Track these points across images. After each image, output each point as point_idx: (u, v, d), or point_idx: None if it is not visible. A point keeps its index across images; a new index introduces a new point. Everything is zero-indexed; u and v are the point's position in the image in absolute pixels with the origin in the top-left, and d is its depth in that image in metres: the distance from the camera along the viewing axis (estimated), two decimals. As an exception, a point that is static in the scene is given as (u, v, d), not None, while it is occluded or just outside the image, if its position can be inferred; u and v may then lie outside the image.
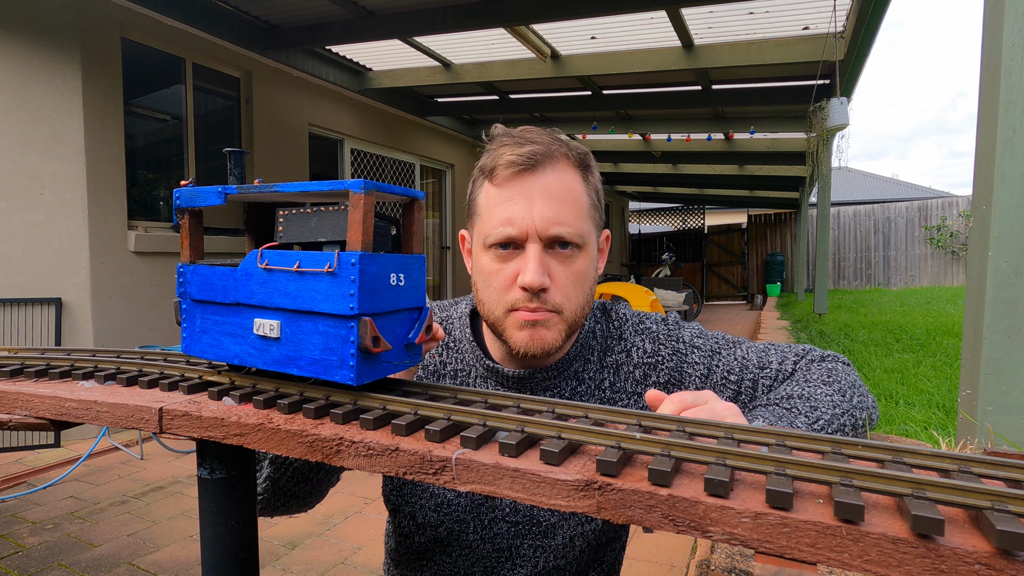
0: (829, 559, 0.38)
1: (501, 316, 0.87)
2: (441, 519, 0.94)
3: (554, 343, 0.87)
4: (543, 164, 0.84)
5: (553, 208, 0.83)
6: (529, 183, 0.84)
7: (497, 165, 0.85)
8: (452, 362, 0.98)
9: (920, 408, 3.70)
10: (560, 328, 0.87)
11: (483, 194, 0.89)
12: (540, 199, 0.83)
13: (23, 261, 4.08)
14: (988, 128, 1.52)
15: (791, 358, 0.93)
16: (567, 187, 0.86)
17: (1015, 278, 1.48)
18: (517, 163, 0.83)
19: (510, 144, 0.86)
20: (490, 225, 0.86)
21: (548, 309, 0.85)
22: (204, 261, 0.67)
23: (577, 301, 0.88)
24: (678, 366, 0.95)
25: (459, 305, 1.05)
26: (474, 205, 0.91)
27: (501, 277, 0.86)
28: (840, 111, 4.75)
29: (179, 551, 2.72)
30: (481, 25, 4.71)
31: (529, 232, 0.83)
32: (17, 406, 0.69)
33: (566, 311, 0.86)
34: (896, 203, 16.47)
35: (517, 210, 0.83)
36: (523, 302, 0.84)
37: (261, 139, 5.69)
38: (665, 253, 12.71)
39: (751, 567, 1.12)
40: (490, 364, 0.94)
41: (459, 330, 1.00)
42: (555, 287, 0.85)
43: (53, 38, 4.07)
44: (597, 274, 0.93)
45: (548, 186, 0.84)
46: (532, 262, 0.83)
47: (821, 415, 0.80)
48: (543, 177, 0.84)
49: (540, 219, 0.83)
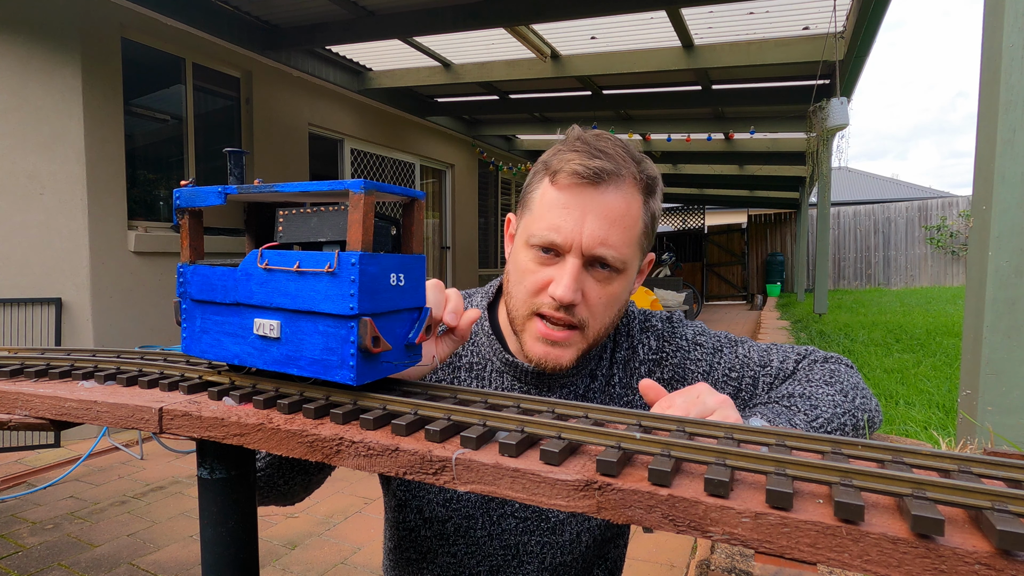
0: (829, 559, 0.38)
1: (524, 316, 0.87)
2: (450, 514, 0.94)
3: (569, 363, 0.86)
4: (607, 181, 0.82)
5: (604, 228, 0.82)
6: (588, 196, 0.82)
7: (562, 169, 0.83)
8: (468, 355, 0.97)
9: (920, 408, 3.70)
10: (579, 347, 0.87)
11: (540, 191, 0.87)
12: (594, 216, 0.82)
13: (23, 261, 4.07)
14: (988, 128, 1.52)
15: (793, 358, 0.93)
16: (625, 210, 0.84)
17: (1015, 278, 1.48)
18: (582, 174, 0.81)
19: (582, 152, 0.83)
20: (538, 225, 0.85)
21: (571, 324, 0.84)
22: (204, 261, 0.67)
23: (603, 322, 0.87)
24: (681, 363, 0.96)
25: (475, 296, 1.04)
26: (528, 198, 0.90)
27: (535, 279, 0.85)
28: (840, 111, 4.76)
29: (179, 551, 2.72)
30: (481, 25, 4.71)
31: (574, 245, 0.82)
32: (17, 406, 0.69)
33: (589, 329, 0.86)
34: (896, 203, 16.47)
35: (569, 220, 0.82)
36: (549, 309, 0.84)
37: (261, 139, 5.69)
38: (665, 253, 12.71)
39: (751, 567, 1.13)
40: (508, 358, 0.93)
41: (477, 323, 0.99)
42: (584, 304, 0.84)
43: (53, 38, 4.07)
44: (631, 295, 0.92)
45: (607, 205, 0.82)
46: (568, 276, 0.81)
47: (821, 413, 0.80)
48: (604, 194, 0.82)
49: (588, 236, 0.81)
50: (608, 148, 0.84)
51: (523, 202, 0.92)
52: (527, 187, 0.92)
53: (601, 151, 0.83)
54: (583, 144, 0.85)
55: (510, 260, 0.92)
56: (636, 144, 8.95)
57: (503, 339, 0.97)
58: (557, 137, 0.93)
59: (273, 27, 5.19)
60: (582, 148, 0.84)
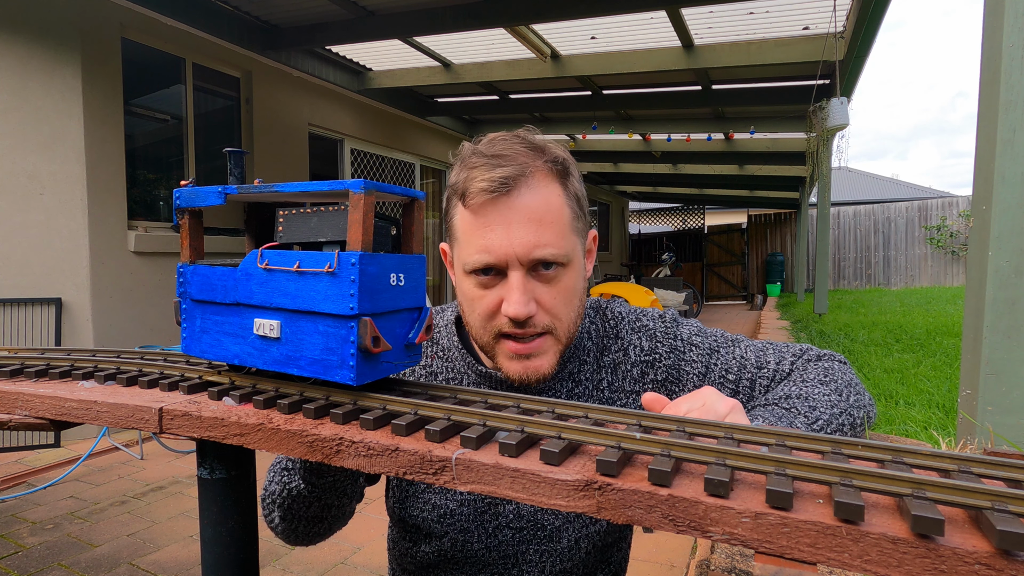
0: (829, 559, 0.38)
1: (490, 342, 0.85)
2: (445, 530, 0.94)
3: (550, 368, 0.85)
4: (518, 184, 0.79)
5: (533, 231, 0.79)
6: (505, 207, 0.79)
7: (468, 190, 0.80)
8: (443, 371, 0.97)
9: (920, 408, 3.70)
10: (555, 350, 0.85)
11: (457, 216, 0.84)
12: (518, 223, 0.79)
13: (23, 261, 4.07)
14: (988, 128, 1.52)
15: (788, 358, 0.93)
16: (546, 205, 0.81)
17: (1015, 278, 1.48)
18: (489, 189, 0.78)
19: (481, 166, 0.80)
20: (468, 252, 0.82)
21: (538, 333, 0.83)
22: (204, 261, 0.67)
23: (568, 317, 0.85)
24: (676, 364, 0.94)
25: (444, 312, 1.03)
26: (450, 227, 0.87)
27: (484, 304, 0.83)
28: (840, 111, 4.76)
29: (179, 551, 2.72)
30: (481, 25, 4.71)
31: (509, 259, 0.79)
32: (17, 406, 0.69)
33: (557, 330, 0.84)
34: (896, 203, 16.46)
35: (495, 237, 0.79)
36: (510, 327, 0.82)
37: (261, 139, 5.69)
38: (665, 253, 12.71)
39: (751, 567, 1.13)
40: (482, 370, 0.93)
41: (446, 339, 0.98)
42: (542, 310, 0.82)
43: (53, 38, 4.07)
44: (586, 279, 0.91)
45: (526, 207, 0.79)
46: (516, 292, 0.79)
47: (820, 415, 0.80)
48: (519, 198, 0.79)
49: (520, 245, 0.78)
50: (506, 151, 0.81)
51: (448, 231, 0.89)
52: (445, 216, 0.89)
53: (499, 156, 0.80)
54: (480, 158, 0.81)
55: (456, 290, 0.90)
56: (636, 144, 8.83)
57: (475, 353, 0.97)
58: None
59: (273, 27, 5.19)
60: (481, 162, 0.80)
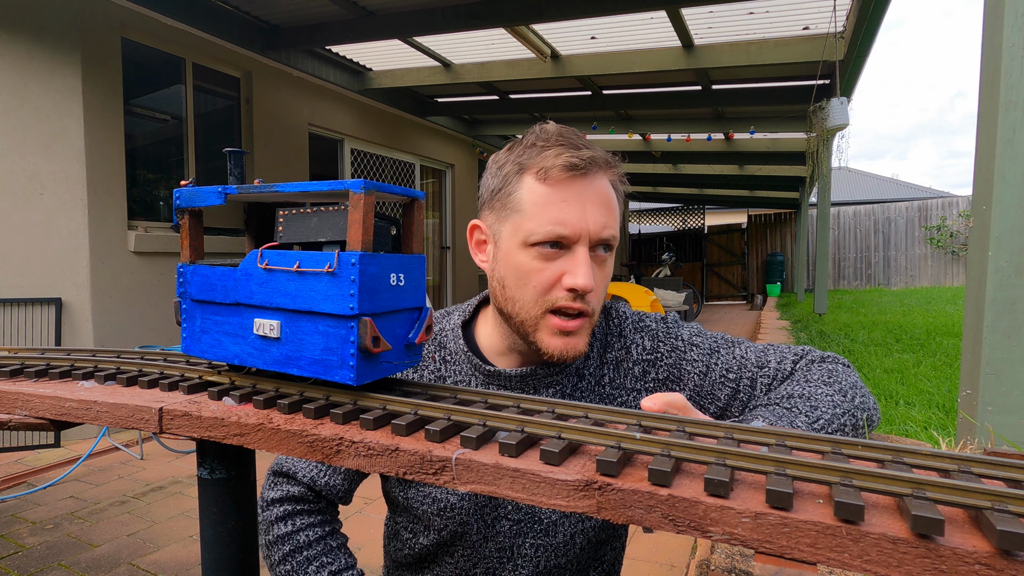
0: (829, 559, 0.38)
1: (536, 316, 0.87)
2: (445, 522, 0.95)
3: (584, 348, 0.89)
4: (595, 170, 0.87)
5: (604, 213, 0.86)
6: (582, 187, 0.86)
7: (554, 165, 0.85)
8: (451, 374, 0.98)
9: (920, 408, 3.70)
10: (588, 331, 0.89)
11: (524, 190, 0.87)
12: (592, 204, 0.86)
13: (23, 261, 4.07)
14: (988, 128, 1.52)
15: (790, 358, 0.93)
16: (610, 194, 0.89)
17: (1015, 278, 1.48)
18: (578, 166, 0.85)
19: (562, 145, 0.87)
20: (538, 223, 0.85)
21: (586, 313, 0.87)
22: (204, 261, 0.67)
23: (601, 303, 0.91)
24: (677, 363, 0.96)
25: (451, 316, 1.03)
26: (510, 200, 0.89)
27: (543, 276, 0.86)
28: (840, 111, 4.76)
29: (179, 551, 2.72)
30: (481, 25, 4.71)
31: (582, 234, 0.85)
32: (17, 406, 0.69)
33: (595, 314, 0.89)
34: (896, 203, 16.46)
35: (573, 212, 0.84)
36: (565, 301, 0.85)
37: (261, 139, 5.69)
38: (665, 253, 12.70)
39: (751, 567, 1.13)
40: (489, 369, 0.94)
41: (453, 342, 0.99)
42: (594, 290, 0.87)
43: (53, 38, 4.07)
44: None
45: (599, 191, 0.87)
46: (584, 264, 0.84)
47: (822, 415, 0.80)
48: (594, 183, 0.87)
49: (594, 222, 0.85)
50: (583, 140, 0.90)
51: (500, 205, 0.90)
52: (500, 191, 0.91)
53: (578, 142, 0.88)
54: (563, 138, 0.89)
55: (502, 265, 0.90)
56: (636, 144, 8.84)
57: (481, 355, 0.98)
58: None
59: (273, 27, 5.19)
60: (565, 142, 0.88)
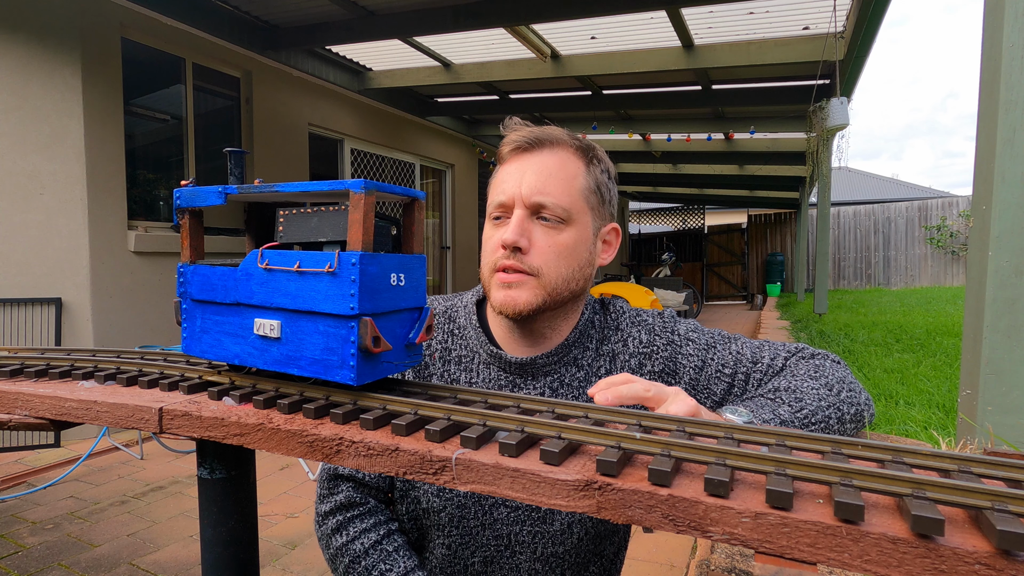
0: (829, 559, 0.38)
1: (488, 277, 0.94)
2: (443, 504, 0.97)
3: (527, 304, 0.91)
4: (543, 145, 0.93)
5: (540, 180, 0.91)
6: (526, 159, 0.93)
7: (504, 147, 0.95)
8: (457, 348, 1.02)
9: (920, 408, 3.70)
10: (536, 291, 0.91)
11: (493, 177, 0.98)
12: (531, 172, 0.91)
13: (23, 261, 4.07)
14: (988, 128, 1.52)
15: (783, 355, 0.95)
16: (560, 165, 0.92)
17: (1015, 278, 1.48)
18: (521, 145, 0.93)
19: (519, 129, 0.95)
20: (491, 198, 0.95)
21: (524, 271, 0.90)
22: (204, 261, 0.67)
23: (559, 271, 0.92)
24: (672, 357, 0.98)
25: (464, 295, 1.09)
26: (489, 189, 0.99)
27: (492, 241, 0.94)
28: (840, 111, 4.76)
29: (179, 551, 2.72)
30: (481, 25, 4.71)
31: (516, 199, 0.91)
32: (17, 406, 0.69)
33: (544, 276, 0.91)
34: (896, 203, 16.45)
35: (511, 181, 0.92)
36: (502, 259, 0.90)
37: (261, 139, 5.69)
38: (665, 253, 12.69)
39: (751, 567, 1.13)
40: (493, 350, 0.97)
41: (464, 317, 1.04)
42: (535, 251, 0.90)
43: (53, 38, 4.07)
44: (596, 260, 0.98)
45: (541, 162, 0.92)
46: (514, 223, 0.90)
47: (805, 406, 0.82)
48: (540, 155, 0.93)
49: (527, 186, 0.90)
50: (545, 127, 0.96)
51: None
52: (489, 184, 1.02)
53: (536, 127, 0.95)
54: (520, 124, 0.96)
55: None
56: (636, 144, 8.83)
57: (489, 333, 1.02)
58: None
59: (273, 27, 5.19)
60: (520, 127, 0.95)
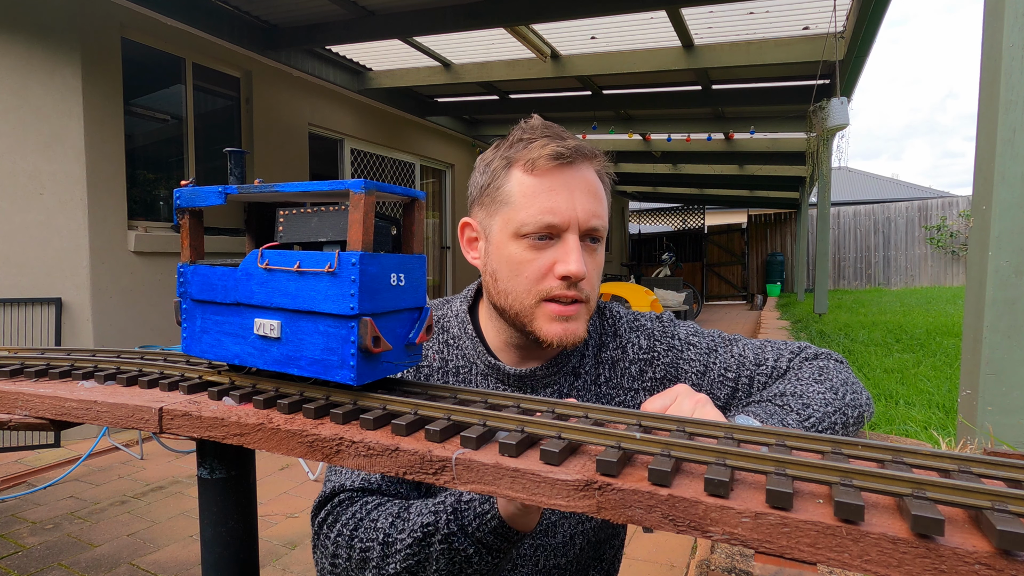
0: (829, 559, 0.38)
1: (531, 306, 0.87)
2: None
3: (583, 335, 0.89)
4: (580, 159, 0.88)
5: (592, 202, 0.87)
6: (569, 176, 0.87)
7: (540, 156, 0.86)
8: (454, 359, 0.98)
9: (920, 408, 3.70)
10: (586, 319, 0.90)
11: (515, 183, 0.88)
12: (580, 192, 0.86)
13: (23, 261, 4.07)
14: (988, 128, 1.52)
15: (786, 355, 0.95)
16: (598, 184, 0.90)
17: (1015, 278, 1.48)
18: (564, 155, 0.86)
19: (551, 137, 0.88)
20: (528, 214, 0.86)
21: (581, 300, 0.87)
22: (204, 261, 0.67)
23: (596, 293, 0.91)
24: (674, 362, 0.97)
25: (453, 303, 1.04)
26: (498, 194, 0.90)
27: (535, 266, 0.86)
28: (840, 111, 4.76)
29: (179, 551, 2.72)
30: (481, 25, 4.71)
31: (571, 222, 0.85)
32: (17, 406, 0.69)
33: (591, 301, 0.90)
34: (896, 203, 16.45)
35: (561, 201, 0.85)
36: (560, 290, 0.85)
37: (261, 139, 5.69)
38: (665, 253, 12.70)
39: (751, 567, 1.13)
40: (491, 361, 0.94)
41: (458, 327, 0.99)
42: (587, 278, 0.87)
43: (53, 38, 4.07)
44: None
45: (586, 180, 0.88)
46: (575, 252, 0.84)
47: (812, 413, 0.82)
48: (581, 172, 0.88)
49: (583, 211, 0.85)
50: (567, 133, 0.91)
51: (490, 200, 0.92)
52: (489, 186, 0.92)
53: (565, 135, 0.90)
54: (548, 130, 0.90)
55: (493, 259, 0.91)
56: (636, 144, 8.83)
57: (485, 342, 0.98)
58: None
59: (273, 27, 5.19)
60: (550, 134, 0.89)
